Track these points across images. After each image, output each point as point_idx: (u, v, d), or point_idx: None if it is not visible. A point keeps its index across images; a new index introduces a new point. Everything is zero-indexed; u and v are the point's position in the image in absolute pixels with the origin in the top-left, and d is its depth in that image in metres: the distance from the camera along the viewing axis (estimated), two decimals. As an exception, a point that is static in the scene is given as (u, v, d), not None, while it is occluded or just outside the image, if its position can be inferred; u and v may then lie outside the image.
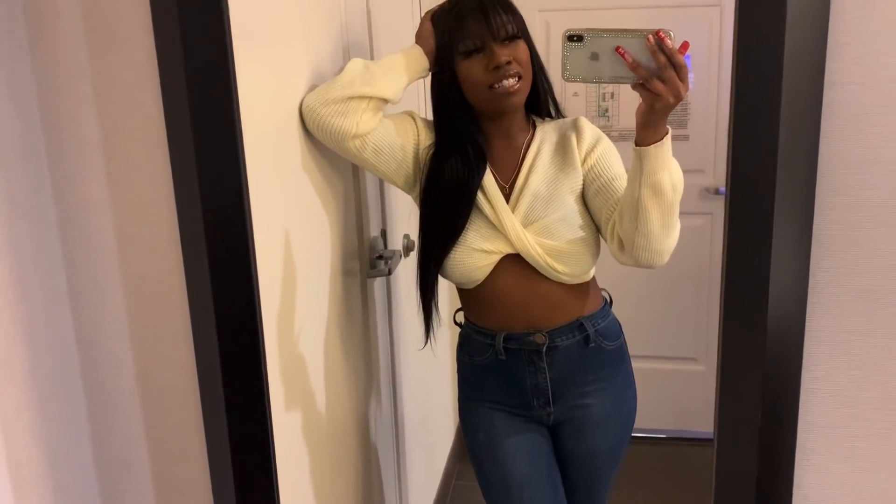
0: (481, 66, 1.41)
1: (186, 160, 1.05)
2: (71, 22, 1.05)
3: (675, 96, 1.19)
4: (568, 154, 1.51)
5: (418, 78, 1.46)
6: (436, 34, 1.45)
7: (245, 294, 1.11)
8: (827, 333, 1.00)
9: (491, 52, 1.40)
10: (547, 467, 1.63)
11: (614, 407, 1.62)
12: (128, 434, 1.19)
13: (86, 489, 1.19)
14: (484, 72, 1.41)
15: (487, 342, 1.58)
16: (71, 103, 1.07)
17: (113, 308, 1.14)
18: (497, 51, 1.39)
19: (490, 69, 1.40)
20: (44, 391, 1.09)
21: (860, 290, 0.99)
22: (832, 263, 0.99)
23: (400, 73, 1.42)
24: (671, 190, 1.31)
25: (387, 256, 1.83)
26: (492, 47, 1.40)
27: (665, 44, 1.16)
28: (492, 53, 1.40)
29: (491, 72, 1.40)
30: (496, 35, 1.40)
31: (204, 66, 1.03)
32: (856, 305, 0.99)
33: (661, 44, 1.16)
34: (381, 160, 1.47)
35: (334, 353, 1.56)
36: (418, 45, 1.45)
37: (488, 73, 1.41)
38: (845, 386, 1.02)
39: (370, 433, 1.84)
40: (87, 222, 1.11)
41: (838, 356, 1.01)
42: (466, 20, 1.41)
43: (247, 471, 1.16)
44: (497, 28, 1.40)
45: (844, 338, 1.00)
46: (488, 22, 1.40)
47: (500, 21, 1.40)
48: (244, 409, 1.14)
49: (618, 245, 1.44)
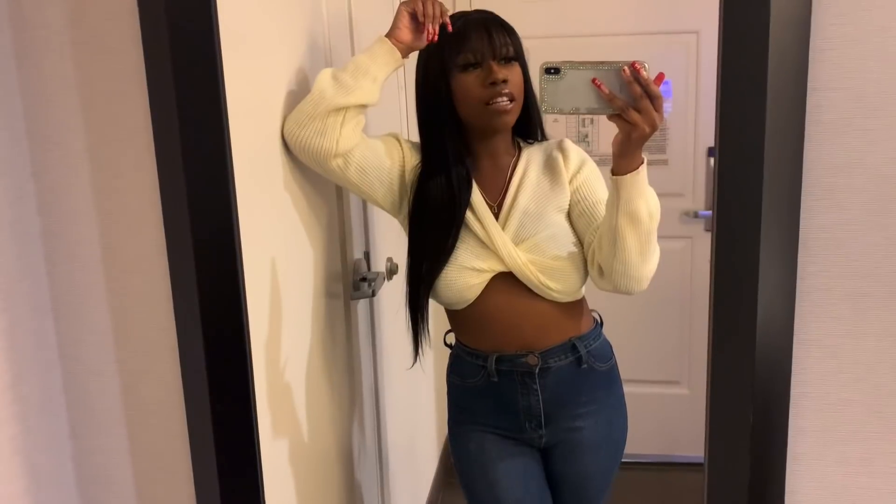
0: (478, 81, 1.42)
1: (174, 171, 1.04)
2: (57, 32, 1.04)
3: (650, 126, 1.21)
4: (555, 173, 1.52)
5: (392, 72, 1.42)
6: (432, 46, 1.43)
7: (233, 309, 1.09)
8: (816, 337, 1.01)
9: (489, 68, 1.42)
10: (539, 490, 1.62)
11: (606, 430, 1.61)
12: (111, 451, 1.16)
13: (67, 508, 1.16)
14: (480, 87, 1.42)
15: (479, 364, 1.57)
16: (57, 113, 1.06)
17: (97, 321, 1.12)
18: (495, 68, 1.41)
19: (486, 85, 1.41)
20: (25, 406, 1.07)
21: (848, 292, 1.00)
22: (819, 267, 0.99)
23: (371, 73, 1.37)
24: (648, 218, 1.33)
25: (370, 279, 1.82)
26: (490, 64, 1.42)
27: (640, 75, 1.18)
28: (489, 69, 1.41)
29: (487, 88, 1.42)
30: (496, 53, 1.42)
31: (192, 75, 1.02)
32: (844, 308, 1.00)
33: (637, 75, 1.18)
34: (365, 181, 1.46)
35: (318, 375, 1.54)
36: (387, 38, 1.39)
37: (484, 88, 1.42)
38: (835, 389, 1.02)
39: (354, 459, 1.82)
40: (72, 234, 1.10)
41: (827, 360, 1.01)
42: (469, 35, 1.42)
43: (233, 488, 1.14)
44: (498, 47, 1.42)
45: (833, 341, 1.01)
46: (490, 39, 1.42)
47: (501, 41, 1.43)
48: (232, 424, 1.12)
49: (598, 271, 1.45)
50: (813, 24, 0.93)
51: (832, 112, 0.96)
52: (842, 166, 0.97)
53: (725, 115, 0.95)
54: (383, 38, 1.39)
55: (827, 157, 0.97)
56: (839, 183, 0.97)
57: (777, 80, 0.93)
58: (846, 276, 0.99)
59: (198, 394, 1.11)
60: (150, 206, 1.08)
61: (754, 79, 0.93)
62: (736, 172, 0.96)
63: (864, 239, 0.98)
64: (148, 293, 1.11)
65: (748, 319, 0.98)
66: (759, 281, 0.97)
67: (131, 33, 1.03)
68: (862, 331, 1.00)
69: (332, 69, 1.39)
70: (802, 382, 1.02)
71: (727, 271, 0.98)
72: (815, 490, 1.05)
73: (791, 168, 0.96)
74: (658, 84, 1.19)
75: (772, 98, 0.93)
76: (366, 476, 1.93)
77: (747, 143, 0.95)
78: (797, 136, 0.95)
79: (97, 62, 1.05)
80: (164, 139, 1.04)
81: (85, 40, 1.05)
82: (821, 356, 1.01)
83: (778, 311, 0.99)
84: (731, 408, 1.01)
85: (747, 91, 0.94)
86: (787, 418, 1.02)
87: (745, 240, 0.97)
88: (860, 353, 1.01)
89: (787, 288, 0.99)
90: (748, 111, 0.94)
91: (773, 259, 0.97)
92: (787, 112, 0.94)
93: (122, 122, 1.06)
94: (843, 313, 1.00)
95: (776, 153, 0.95)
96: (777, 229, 0.97)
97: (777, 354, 1.00)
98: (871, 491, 1.04)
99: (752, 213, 0.96)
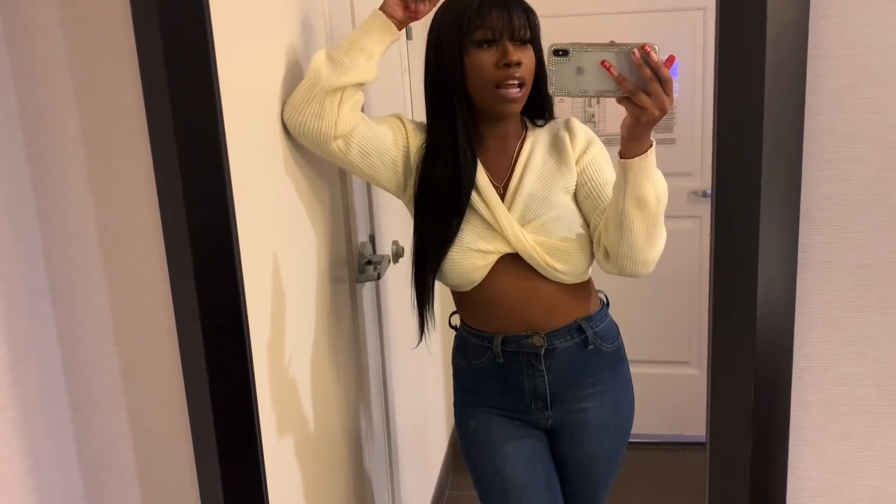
0: (491, 59, 1.40)
1: (168, 152, 1.04)
2: (48, 12, 1.03)
3: (660, 110, 1.20)
4: (562, 153, 1.51)
5: (388, 46, 1.40)
6: (448, 19, 1.42)
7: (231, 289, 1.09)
8: (819, 310, 0.99)
9: (504, 47, 1.40)
10: (545, 472, 1.61)
11: (613, 411, 1.60)
12: (112, 433, 1.16)
13: (69, 490, 1.16)
14: (493, 67, 1.40)
15: (485, 345, 1.56)
16: (49, 95, 1.06)
17: (95, 303, 1.12)
18: (510, 49, 1.40)
19: (500, 65, 1.40)
20: (25, 389, 1.07)
21: (851, 264, 0.98)
22: (821, 239, 0.98)
23: (367, 50, 1.35)
24: (655, 201, 1.32)
25: (375, 261, 1.82)
26: (505, 44, 1.40)
27: (650, 57, 1.16)
28: (504, 49, 1.40)
29: (500, 69, 1.40)
30: (514, 33, 1.40)
31: (185, 56, 1.01)
32: (847, 280, 0.98)
33: (647, 57, 1.16)
34: (368, 162, 1.45)
35: (323, 359, 1.54)
36: (381, 11, 1.36)
37: (497, 69, 1.40)
38: (839, 363, 1.01)
39: (361, 442, 1.82)
40: (68, 216, 1.09)
41: (831, 333, 1.00)
42: (491, 11, 1.40)
43: (235, 470, 1.13)
44: (516, 28, 1.40)
45: (837, 314, 0.99)
46: (510, 18, 1.40)
47: (520, 22, 1.41)
48: (231, 405, 1.12)
49: (603, 254, 1.45)
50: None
51: (834, 80, 0.94)
52: (844, 135, 0.95)
53: (724, 85, 0.93)
54: (377, 12, 1.37)
55: (829, 126, 0.95)
56: (841, 152, 0.95)
57: (777, 47, 0.91)
58: (848, 247, 0.98)
59: (197, 375, 1.10)
60: (146, 187, 1.07)
61: (753, 46, 0.91)
62: (735, 143, 0.94)
63: (867, 209, 0.96)
64: (145, 275, 1.11)
65: (749, 292, 0.97)
66: (760, 253, 0.96)
67: (122, 13, 1.02)
68: (864, 303, 0.98)
69: (326, 49, 1.37)
70: (804, 356, 1.01)
71: (727, 244, 0.97)
72: (817, 464, 1.04)
73: (792, 138, 0.94)
74: (668, 67, 1.17)
75: (771, 66, 0.91)
76: (374, 459, 1.94)
77: (747, 114, 0.93)
78: (798, 104, 0.93)
79: (89, 43, 1.04)
80: (158, 120, 1.03)
81: (76, 21, 1.04)
82: (823, 329, 1.00)
83: (779, 284, 0.97)
84: (732, 383, 1.00)
85: (746, 59, 0.92)
86: (790, 393, 1.00)
87: (744, 211, 0.95)
88: (863, 326, 0.99)
89: (789, 260, 0.97)
90: (747, 79, 0.92)
91: (773, 231, 0.96)
92: (788, 80, 0.92)
93: (115, 102, 1.06)
94: (846, 285, 0.99)
95: (776, 122, 0.93)
96: (777, 201, 0.95)
97: (779, 328, 0.98)
98: (874, 465, 1.03)
99: (751, 185, 0.94)
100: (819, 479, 1.04)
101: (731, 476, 1.03)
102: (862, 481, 1.04)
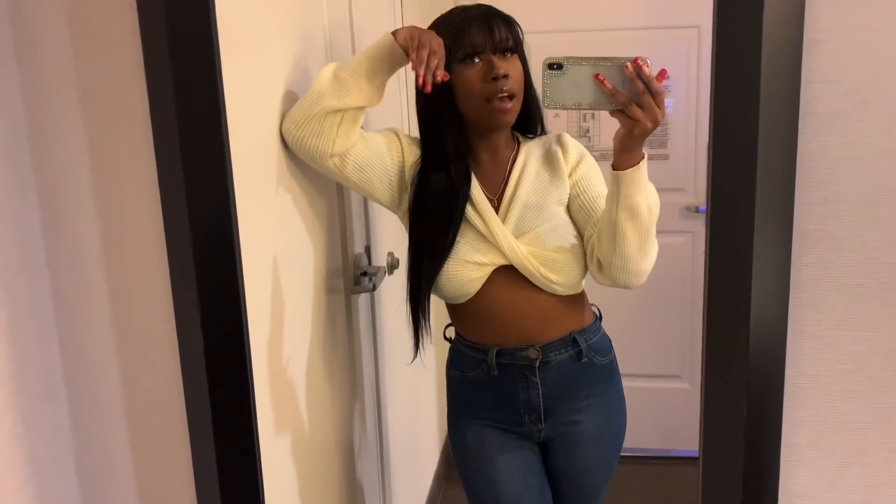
0: (478, 75, 1.42)
1: (173, 164, 1.05)
2: (57, 25, 1.05)
3: (652, 122, 1.22)
4: (555, 166, 1.52)
5: (396, 70, 1.38)
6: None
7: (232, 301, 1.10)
8: (811, 328, 1.01)
9: (489, 61, 1.41)
10: (538, 484, 1.62)
11: (606, 423, 1.61)
12: (111, 441, 1.17)
13: (68, 498, 1.17)
14: (481, 81, 1.42)
15: (479, 357, 1.57)
16: (56, 107, 1.07)
17: (98, 313, 1.13)
18: (495, 62, 1.41)
19: (487, 80, 1.41)
20: (26, 397, 1.08)
21: (843, 284, 1.00)
22: (814, 258, 1.00)
23: (372, 72, 1.34)
24: (647, 213, 1.34)
25: (371, 273, 1.83)
26: (490, 57, 1.41)
27: (643, 71, 1.19)
28: (490, 63, 1.41)
29: (488, 83, 1.41)
30: (496, 46, 1.42)
31: (191, 70, 1.03)
32: (839, 300, 1.00)
33: (639, 71, 1.19)
34: (363, 178, 1.45)
35: (318, 369, 1.55)
36: (391, 35, 1.33)
37: (485, 84, 1.41)
38: (830, 380, 1.02)
39: (355, 452, 1.83)
40: (72, 226, 1.10)
41: (822, 351, 1.02)
42: (471, 27, 1.41)
43: (232, 480, 1.14)
44: (498, 40, 1.42)
45: (829, 332, 1.01)
46: (491, 33, 1.41)
47: (501, 34, 1.42)
48: (231, 415, 1.13)
49: (596, 265, 1.46)
50: (807, 16, 0.94)
51: (827, 104, 0.96)
52: (836, 158, 0.97)
53: (720, 107, 0.95)
54: (388, 35, 1.35)
55: (821, 148, 0.97)
56: (834, 175, 0.98)
57: (771, 71, 0.93)
58: (840, 267, 1.00)
59: (197, 385, 1.11)
60: (150, 199, 1.09)
61: (748, 70, 0.93)
62: (730, 164, 0.96)
63: (859, 230, 0.99)
64: (147, 285, 1.12)
65: (742, 310, 0.99)
66: (754, 272, 0.98)
67: (130, 28, 1.04)
68: (856, 322, 1.00)
69: (335, 65, 1.36)
70: (797, 373, 1.02)
71: (721, 263, 0.99)
72: (809, 480, 1.05)
73: (785, 160, 0.96)
74: (660, 81, 1.20)
75: (766, 90, 0.94)
76: (367, 469, 1.94)
77: (742, 135, 0.95)
78: (791, 127, 0.96)
79: (97, 56, 1.06)
80: (163, 133, 1.05)
81: (84, 35, 1.05)
82: (815, 348, 1.02)
83: (772, 303, 0.99)
84: (725, 399, 1.02)
85: (741, 83, 0.94)
86: (782, 409, 1.02)
87: (739, 231, 0.97)
88: (854, 344, 1.01)
89: (782, 279, 0.99)
90: (742, 103, 0.94)
91: (767, 251, 0.98)
92: (782, 104, 0.95)
93: (122, 116, 1.07)
94: (838, 305, 1.01)
95: (770, 145, 0.95)
96: (771, 221, 0.97)
97: (771, 345, 1.00)
98: (865, 481, 1.05)
99: (746, 205, 0.96)
100: (810, 495, 1.06)
101: (723, 490, 1.05)
102: (852, 497, 1.06)
